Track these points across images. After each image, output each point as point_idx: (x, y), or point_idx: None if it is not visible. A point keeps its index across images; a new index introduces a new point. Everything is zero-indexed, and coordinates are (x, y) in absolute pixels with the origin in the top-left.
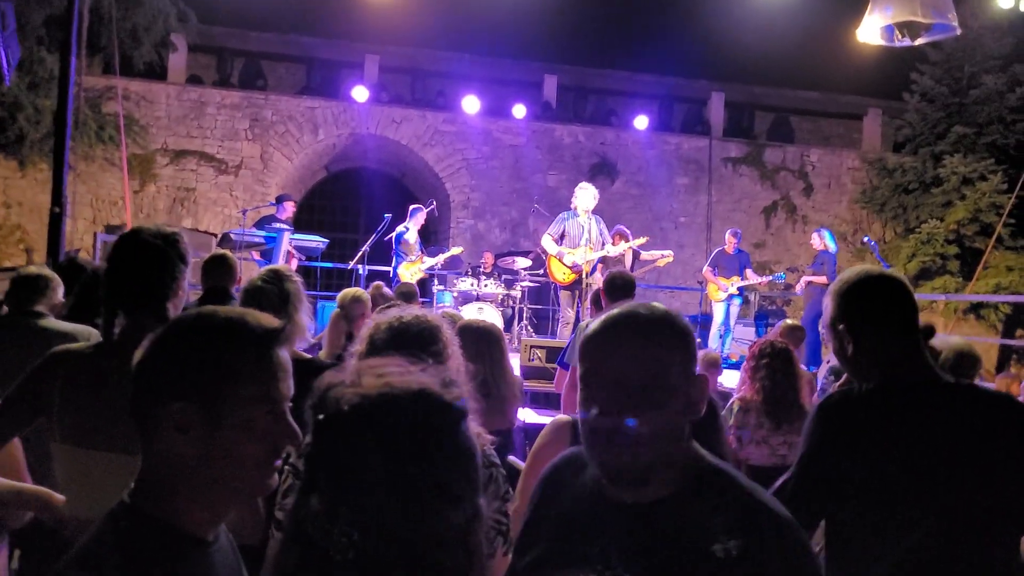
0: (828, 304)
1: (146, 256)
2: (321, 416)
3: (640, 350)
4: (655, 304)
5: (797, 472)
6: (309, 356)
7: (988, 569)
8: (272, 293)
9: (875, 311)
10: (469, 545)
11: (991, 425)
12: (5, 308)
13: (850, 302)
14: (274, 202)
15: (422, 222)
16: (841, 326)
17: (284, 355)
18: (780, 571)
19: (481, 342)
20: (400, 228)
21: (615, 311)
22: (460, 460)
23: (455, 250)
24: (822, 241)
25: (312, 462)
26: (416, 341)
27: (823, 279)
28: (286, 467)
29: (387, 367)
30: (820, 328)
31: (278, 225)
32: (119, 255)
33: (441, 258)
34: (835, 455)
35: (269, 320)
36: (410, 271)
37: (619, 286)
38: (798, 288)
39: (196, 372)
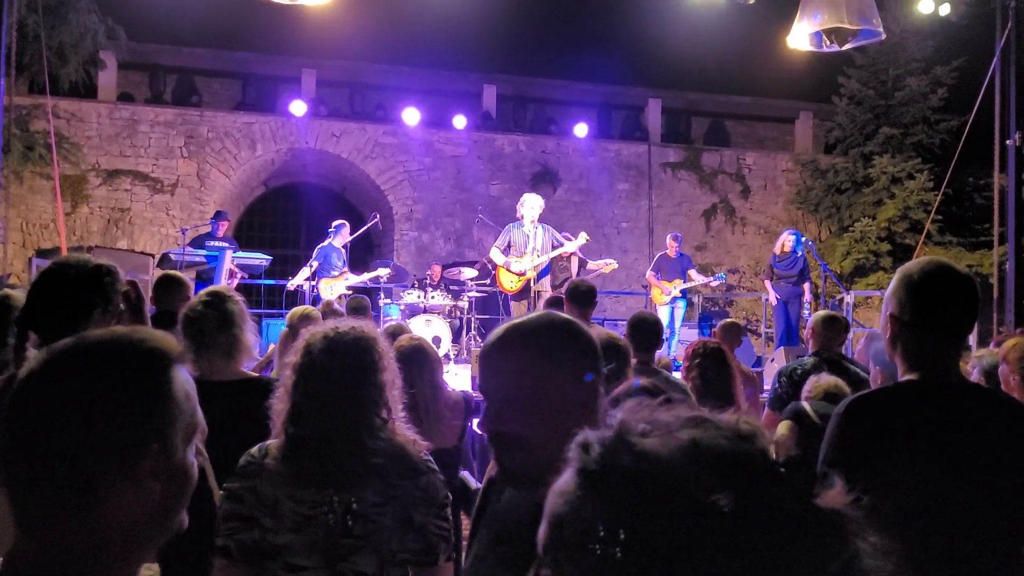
0: (892, 281)
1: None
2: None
3: (519, 361)
4: (546, 313)
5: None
6: (255, 375)
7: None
8: (212, 317)
9: (923, 306)
10: None
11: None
12: None
13: (907, 289)
14: (213, 220)
15: (347, 238)
16: (890, 309)
17: (180, 378)
18: None
19: (411, 364)
20: (324, 244)
21: (502, 325)
22: None
23: (381, 271)
24: (788, 244)
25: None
26: (352, 351)
27: (793, 276)
28: (220, 491)
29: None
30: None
31: (217, 244)
32: (38, 283)
33: (366, 277)
34: (865, 454)
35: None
36: (330, 286)
37: (582, 292)
38: (772, 299)
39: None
